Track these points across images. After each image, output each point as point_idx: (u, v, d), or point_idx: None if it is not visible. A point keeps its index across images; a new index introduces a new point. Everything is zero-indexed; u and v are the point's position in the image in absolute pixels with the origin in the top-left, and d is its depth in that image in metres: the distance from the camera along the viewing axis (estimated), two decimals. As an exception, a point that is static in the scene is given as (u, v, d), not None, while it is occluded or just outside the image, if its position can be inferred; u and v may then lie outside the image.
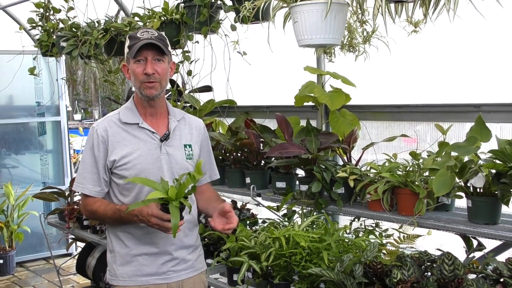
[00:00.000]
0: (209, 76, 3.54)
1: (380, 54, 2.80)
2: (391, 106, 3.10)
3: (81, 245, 4.88)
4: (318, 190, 2.72)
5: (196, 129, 2.41)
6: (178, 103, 3.76)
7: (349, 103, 3.13)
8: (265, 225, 2.97)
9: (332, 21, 2.36)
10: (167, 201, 2.04)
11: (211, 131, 3.57)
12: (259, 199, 3.12)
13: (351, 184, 2.65)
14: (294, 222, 2.70)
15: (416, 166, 2.51)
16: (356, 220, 2.86)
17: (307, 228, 2.62)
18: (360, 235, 2.70)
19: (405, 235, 2.57)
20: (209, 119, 3.83)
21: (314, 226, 2.71)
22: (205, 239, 3.14)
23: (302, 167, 2.93)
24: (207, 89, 3.86)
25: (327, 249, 2.45)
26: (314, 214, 2.74)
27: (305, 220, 2.66)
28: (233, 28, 3.25)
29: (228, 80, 3.49)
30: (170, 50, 2.28)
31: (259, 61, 3.40)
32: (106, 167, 2.24)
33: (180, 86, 3.90)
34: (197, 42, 3.54)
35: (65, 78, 6.26)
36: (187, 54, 3.57)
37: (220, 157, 3.40)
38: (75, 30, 4.17)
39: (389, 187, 2.49)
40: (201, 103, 3.84)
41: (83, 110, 24.05)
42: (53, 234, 6.18)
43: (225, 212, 2.20)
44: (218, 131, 3.80)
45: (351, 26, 2.73)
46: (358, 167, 2.77)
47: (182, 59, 3.59)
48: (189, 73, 3.63)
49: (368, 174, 2.66)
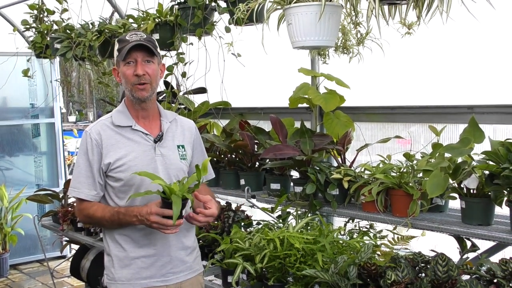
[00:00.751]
0: (203, 78, 3.54)
1: (374, 56, 2.81)
2: (385, 108, 3.11)
3: (75, 247, 4.86)
4: (313, 192, 2.72)
5: (188, 130, 2.41)
6: (173, 105, 3.75)
7: (343, 104, 3.14)
8: (259, 226, 2.97)
9: (326, 23, 2.36)
10: (168, 197, 2.03)
11: (205, 132, 3.57)
12: (253, 200, 3.12)
13: (346, 185, 2.66)
14: (289, 223, 2.70)
15: (410, 167, 2.52)
16: (351, 221, 2.87)
17: (302, 229, 2.62)
18: (355, 236, 2.71)
19: (399, 236, 2.58)
20: (203, 120, 3.82)
21: (309, 228, 2.72)
22: (200, 241, 3.13)
23: (296, 168, 2.94)
24: (201, 91, 3.86)
25: (322, 251, 2.45)
26: (309, 215, 2.74)
27: (299, 221, 2.66)
28: (227, 30, 3.25)
29: (222, 82, 3.49)
30: (159, 51, 2.30)
31: (254, 63, 3.40)
32: (101, 170, 2.24)
33: (175, 88, 3.90)
34: (191, 44, 3.54)
35: (59, 80, 6.24)
36: (181, 56, 3.57)
37: (215, 158, 3.39)
38: (69, 32, 4.16)
39: (383, 189, 2.50)
40: (196, 105, 3.84)
41: (77, 112, 23.97)
42: (47, 237, 6.16)
43: (202, 201, 2.20)
44: (213, 133, 3.80)
45: (345, 28, 2.74)
46: (352, 168, 2.77)
47: (177, 61, 3.59)
48: (184, 75, 3.63)
49: (362, 176, 2.67)
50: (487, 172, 2.20)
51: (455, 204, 2.48)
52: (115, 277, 2.27)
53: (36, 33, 4.55)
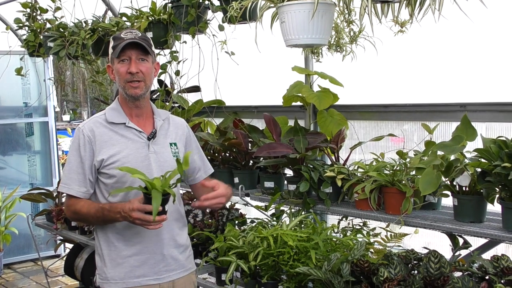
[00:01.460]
0: (197, 77, 3.54)
1: (367, 54, 2.82)
2: (378, 106, 3.12)
3: (69, 246, 4.85)
4: (306, 190, 2.73)
5: (180, 128, 2.42)
6: (167, 103, 3.75)
7: (337, 103, 3.15)
8: (253, 224, 2.97)
9: (319, 21, 2.37)
10: (149, 192, 2.00)
11: (199, 131, 3.57)
12: (247, 199, 3.12)
13: (339, 183, 2.67)
14: (282, 221, 2.71)
15: (403, 165, 2.53)
16: (344, 219, 2.88)
17: (295, 227, 2.62)
18: (348, 234, 2.72)
19: (392, 234, 2.59)
20: (197, 119, 3.83)
21: (302, 226, 2.72)
22: (194, 239, 3.14)
23: (290, 166, 2.94)
24: (195, 89, 3.86)
25: (315, 248, 2.46)
26: (302, 213, 2.75)
27: (293, 219, 2.67)
28: (221, 28, 3.25)
29: (216, 80, 3.49)
30: (154, 50, 2.30)
31: (247, 61, 3.40)
32: (93, 167, 2.24)
33: (168, 86, 3.90)
34: (185, 42, 3.54)
35: (52, 79, 6.22)
36: (175, 54, 3.57)
37: (209, 157, 3.37)
38: (62, 30, 4.15)
39: (376, 186, 2.51)
40: (190, 104, 3.84)
41: (71, 111, 23.88)
42: (41, 236, 6.14)
43: (210, 187, 2.22)
44: (207, 131, 3.80)
45: (338, 26, 2.75)
46: (345, 166, 2.78)
47: (170, 59, 3.58)
48: (177, 73, 3.63)
49: (356, 174, 2.67)
50: (479, 170, 2.21)
51: (448, 201, 2.49)
52: (107, 276, 2.26)
53: (29, 31, 4.53)
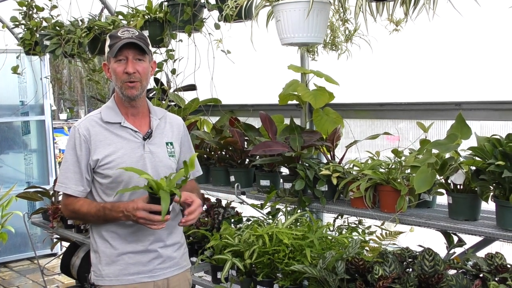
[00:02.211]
0: (193, 75, 3.54)
1: (362, 53, 2.83)
2: (374, 105, 3.12)
3: (65, 244, 4.85)
4: (302, 188, 2.73)
5: (176, 127, 2.41)
6: (163, 101, 3.75)
7: (332, 101, 3.14)
8: (249, 223, 2.97)
9: (314, 19, 2.38)
10: (155, 192, 2.02)
11: (195, 129, 3.57)
12: (243, 197, 3.12)
13: (334, 181, 2.67)
14: (278, 219, 2.71)
15: (398, 163, 2.53)
16: (339, 217, 2.88)
17: (291, 225, 2.63)
18: (343, 232, 2.72)
19: (387, 232, 2.60)
20: (193, 117, 3.83)
21: (298, 224, 2.73)
22: (190, 237, 3.14)
23: (286, 165, 2.94)
24: (191, 88, 3.86)
25: (310, 246, 2.46)
26: (298, 211, 2.76)
27: (288, 217, 2.68)
28: (216, 26, 3.25)
29: (212, 79, 3.49)
30: (151, 49, 2.28)
31: (243, 60, 3.41)
32: (88, 166, 2.24)
33: (165, 84, 3.90)
34: (181, 41, 3.54)
35: (49, 77, 6.21)
36: (171, 52, 3.57)
37: (205, 155, 3.40)
38: (58, 29, 4.15)
39: (371, 185, 2.51)
40: (186, 102, 3.84)
41: (68, 110, 23.84)
42: (37, 234, 6.14)
43: (185, 203, 2.18)
44: (203, 130, 3.80)
45: (333, 24, 2.75)
46: (341, 165, 2.78)
47: (166, 58, 3.59)
48: (173, 71, 3.63)
49: (351, 172, 2.68)
50: (473, 168, 2.22)
51: (443, 199, 2.50)
52: (102, 273, 2.27)
53: (25, 29, 4.53)
